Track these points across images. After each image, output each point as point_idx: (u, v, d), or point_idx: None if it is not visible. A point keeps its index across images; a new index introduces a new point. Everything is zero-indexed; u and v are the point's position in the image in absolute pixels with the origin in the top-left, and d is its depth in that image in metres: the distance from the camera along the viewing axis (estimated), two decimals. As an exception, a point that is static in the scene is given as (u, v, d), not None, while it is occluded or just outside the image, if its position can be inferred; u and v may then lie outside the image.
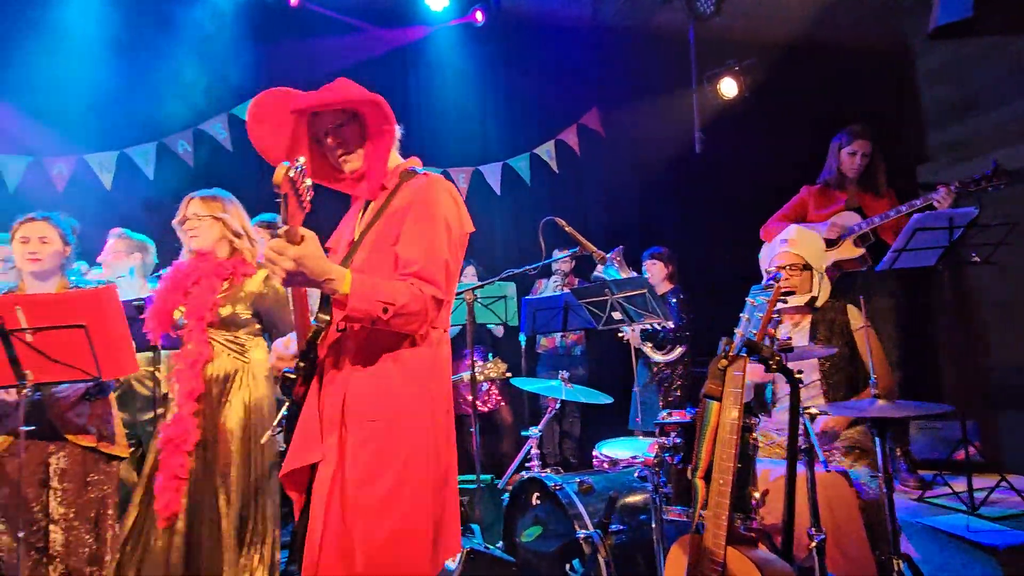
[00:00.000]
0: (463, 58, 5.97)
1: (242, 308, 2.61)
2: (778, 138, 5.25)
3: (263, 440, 2.52)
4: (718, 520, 1.78)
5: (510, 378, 3.57)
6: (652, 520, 2.39)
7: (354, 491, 1.59)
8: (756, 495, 1.95)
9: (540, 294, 4.95)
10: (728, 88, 5.79)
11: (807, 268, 2.72)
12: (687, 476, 2.12)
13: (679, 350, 4.31)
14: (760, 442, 2.43)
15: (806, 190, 4.01)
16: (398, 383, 1.66)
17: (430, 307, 1.63)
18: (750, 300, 1.95)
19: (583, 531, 2.52)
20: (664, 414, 2.34)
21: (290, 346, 1.78)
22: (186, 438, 2.45)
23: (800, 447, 1.99)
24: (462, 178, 5.80)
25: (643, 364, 4.44)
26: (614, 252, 3.67)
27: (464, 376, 3.40)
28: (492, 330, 5.02)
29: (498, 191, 5.91)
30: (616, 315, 3.25)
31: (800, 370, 1.95)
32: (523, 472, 3.11)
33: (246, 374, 2.61)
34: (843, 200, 3.89)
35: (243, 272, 2.63)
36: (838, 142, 3.93)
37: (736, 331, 1.94)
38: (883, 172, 3.89)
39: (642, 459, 2.83)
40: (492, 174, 5.90)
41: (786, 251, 2.74)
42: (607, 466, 3.07)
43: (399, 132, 1.85)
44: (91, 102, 4.74)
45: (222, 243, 2.66)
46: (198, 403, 2.51)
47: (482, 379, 3.46)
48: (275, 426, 1.80)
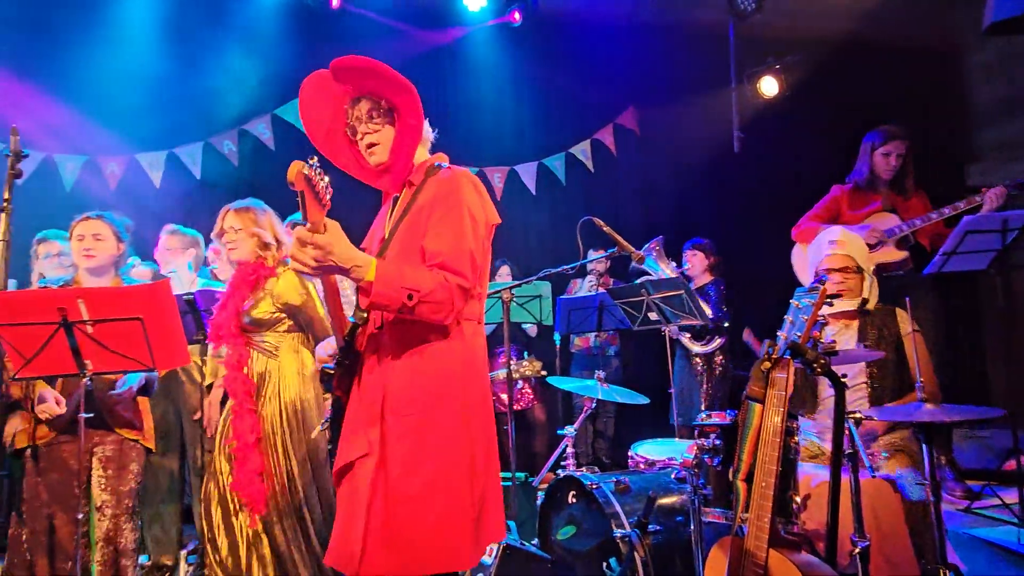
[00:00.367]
0: (500, 58, 6.00)
1: (266, 308, 2.72)
2: (820, 138, 5.15)
3: (313, 435, 2.65)
4: (760, 522, 1.77)
5: (545, 377, 3.58)
6: (689, 521, 2.38)
7: (395, 482, 1.64)
8: (797, 500, 1.94)
9: (575, 294, 4.94)
10: (769, 87, 5.71)
11: (859, 271, 2.66)
12: (727, 478, 2.11)
13: (718, 341, 4.25)
14: (801, 446, 2.40)
15: (838, 189, 3.87)
16: (432, 376, 1.68)
17: (456, 296, 1.64)
18: (794, 302, 1.93)
19: (620, 530, 2.52)
20: (703, 416, 2.32)
21: (328, 349, 1.84)
22: (256, 433, 2.63)
23: (844, 452, 1.96)
24: (498, 177, 5.83)
25: (681, 356, 4.41)
26: (653, 242, 3.63)
27: (499, 374, 3.42)
28: (526, 329, 5.05)
29: (534, 191, 5.93)
30: (652, 315, 3.23)
31: (844, 373, 1.92)
32: (558, 470, 3.12)
33: (279, 373, 2.73)
34: (878, 201, 3.77)
35: (265, 275, 2.75)
36: (870, 142, 3.80)
37: (779, 333, 1.92)
38: (912, 173, 3.76)
39: (680, 461, 2.82)
40: (528, 174, 5.91)
41: (836, 253, 2.67)
42: (643, 467, 3.06)
43: (431, 132, 1.88)
44: (142, 103, 4.92)
45: (256, 253, 2.80)
46: (255, 400, 2.68)
47: (517, 377, 3.49)
48: (324, 421, 1.84)
